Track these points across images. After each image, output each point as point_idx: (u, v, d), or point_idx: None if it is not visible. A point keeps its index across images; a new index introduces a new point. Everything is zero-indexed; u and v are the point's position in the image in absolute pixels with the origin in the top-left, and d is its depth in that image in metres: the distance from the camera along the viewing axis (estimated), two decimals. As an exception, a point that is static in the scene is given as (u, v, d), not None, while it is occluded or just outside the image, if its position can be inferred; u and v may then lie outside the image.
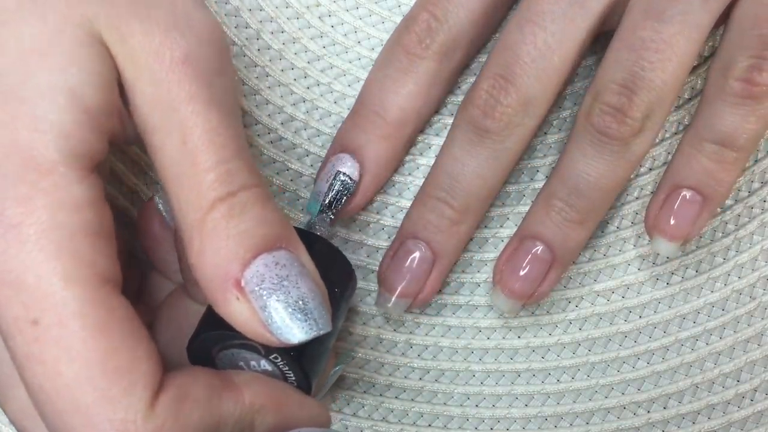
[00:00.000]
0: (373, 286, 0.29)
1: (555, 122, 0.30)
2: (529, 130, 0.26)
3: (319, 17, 0.30)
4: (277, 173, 0.29)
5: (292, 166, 0.29)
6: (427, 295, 0.28)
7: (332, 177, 0.27)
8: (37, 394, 0.19)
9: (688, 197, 0.26)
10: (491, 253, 0.29)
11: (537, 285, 0.27)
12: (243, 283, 0.19)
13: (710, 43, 0.29)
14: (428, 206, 0.27)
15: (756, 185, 0.30)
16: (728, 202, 0.30)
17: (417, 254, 0.27)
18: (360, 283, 0.29)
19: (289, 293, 0.20)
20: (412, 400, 0.29)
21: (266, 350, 0.21)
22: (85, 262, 0.18)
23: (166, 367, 0.20)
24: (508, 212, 0.29)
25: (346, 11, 0.30)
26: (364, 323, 0.29)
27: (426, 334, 0.29)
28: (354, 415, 0.29)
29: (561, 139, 0.29)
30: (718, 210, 0.30)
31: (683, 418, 0.29)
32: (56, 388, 0.18)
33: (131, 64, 0.20)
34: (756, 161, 0.30)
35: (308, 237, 0.23)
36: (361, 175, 0.27)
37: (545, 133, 0.30)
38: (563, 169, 0.26)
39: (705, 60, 0.30)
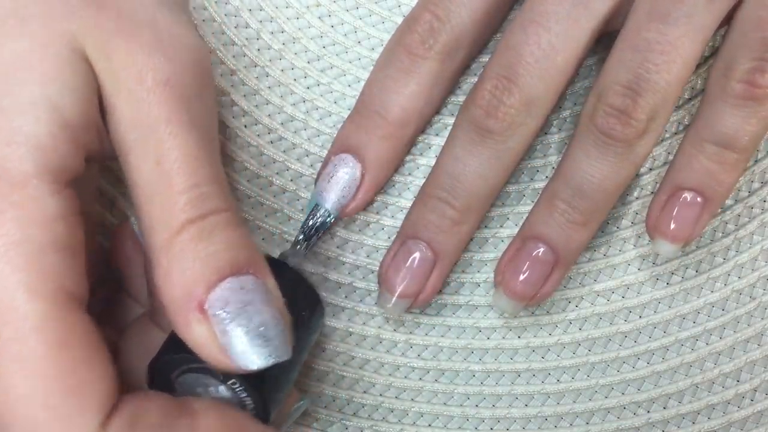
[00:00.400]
0: (373, 286, 0.29)
1: (555, 122, 0.30)
2: (532, 130, 0.26)
3: (319, 17, 0.30)
4: (277, 173, 0.29)
5: (292, 166, 0.29)
6: (428, 296, 0.28)
7: (312, 211, 0.27)
8: None
9: (689, 199, 0.26)
10: (491, 253, 0.29)
11: (539, 286, 0.27)
12: (206, 306, 0.19)
13: (711, 43, 0.29)
14: (429, 206, 0.27)
15: (756, 185, 0.30)
16: (728, 202, 0.30)
17: (418, 254, 0.27)
18: (360, 283, 0.29)
19: (251, 319, 0.19)
20: (412, 400, 0.29)
21: (225, 376, 0.21)
22: (51, 277, 0.18)
23: (123, 390, 0.20)
24: (508, 212, 0.29)
25: (346, 11, 0.30)
26: (364, 323, 0.29)
27: (426, 334, 0.29)
28: (354, 415, 0.29)
29: (561, 139, 0.29)
30: (718, 210, 0.30)
31: (683, 418, 0.29)
32: (8, 402, 0.18)
33: (113, 83, 0.20)
34: (756, 161, 0.30)
35: (278, 266, 0.23)
36: (362, 175, 0.27)
37: (545, 133, 0.30)
38: (566, 169, 0.26)
39: (705, 60, 0.30)
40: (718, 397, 0.29)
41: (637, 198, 0.30)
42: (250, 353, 0.19)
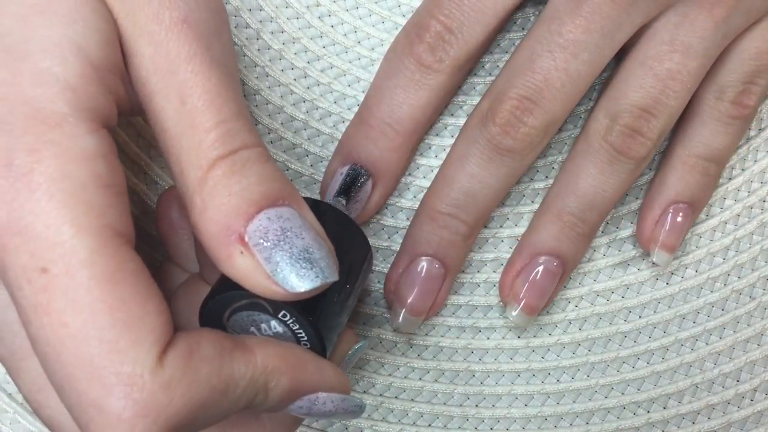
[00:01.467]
0: (374, 285, 0.29)
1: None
2: (545, 145, 0.27)
3: (319, 17, 0.30)
4: (277, 173, 0.29)
5: (292, 166, 0.29)
6: (438, 308, 0.28)
7: (345, 169, 0.27)
8: (43, 347, 0.18)
9: (682, 212, 0.28)
10: (491, 253, 0.29)
11: (550, 297, 0.28)
12: (246, 237, 0.19)
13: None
14: (441, 222, 0.27)
15: (756, 185, 0.30)
16: (728, 202, 0.30)
17: (431, 271, 0.27)
18: (360, 283, 0.29)
19: (294, 243, 0.19)
20: (412, 400, 0.29)
21: (275, 309, 0.21)
22: (95, 212, 0.18)
23: (178, 328, 0.19)
24: (508, 212, 0.29)
25: (346, 11, 0.30)
26: (364, 323, 0.29)
27: (426, 334, 0.29)
28: (354, 415, 0.29)
29: (560, 139, 0.29)
30: (718, 210, 0.30)
31: (683, 418, 0.29)
32: (62, 339, 0.18)
33: (132, 25, 0.20)
34: (756, 161, 0.30)
35: (325, 208, 0.23)
36: (372, 186, 0.28)
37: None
38: (577, 185, 0.27)
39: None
40: (718, 397, 0.29)
41: (636, 198, 0.30)
42: (297, 276, 0.19)
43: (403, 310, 0.27)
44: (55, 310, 0.18)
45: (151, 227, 0.28)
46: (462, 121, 0.29)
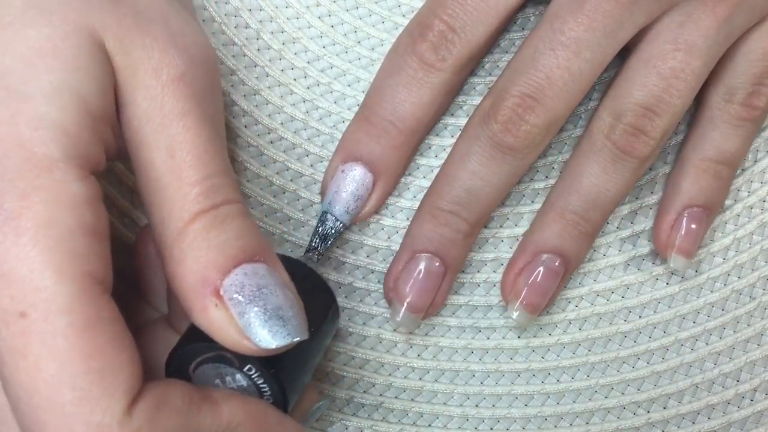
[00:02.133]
0: (373, 285, 0.29)
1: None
2: (546, 144, 0.27)
3: (319, 17, 0.30)
4: (277, 173, 0.29)
5: (292, 166, 0.29)
6: (438, 306, 0.28)
7: (320, 220, 0.28)
8: (16, 389, 0.18)
9: (697, 215, 0.28)
10: (491, 253, 0.29)
11: (552, 296, 0.28)
12: (222, 291, 0.20)
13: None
14: (442, 220, 0.27)
15: (756, 185, 0.30)
16: (728, 202, 0.30)
17: (431, 269, 0.27)
18: (360, 283, 0.29)
19: (268, 301, 0.20)
20: (412, 400, 0.29)
21: (241, 362, 0.21)
22: (78, 260, 0.18)
23: (147, 378, 0.20)
24: (508, 212, 0.29)
25: (346, 11, 0.30)
26: (364, 323, 0.29)
27: (426, 334, 0.29)
28: (354, 415, 0.29)
29: (560, 139, 0.29)
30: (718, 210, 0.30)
31: (683, 418, 0.29)
32: (35, 383, 0.18)
33: (130, 77, 0.20)
34: (756, 161, 0.30)
35: (296, 264, 0.23)
36: (373, 183, 0.28)
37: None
38: (580, 184, 0.27)
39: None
40: (718, 397, 0.29)
41: (636, 198, 0.30)
42: (269, 333, 0.20)
43: (403, 307, 0.27)
44: (32, 354, 0.18)
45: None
46: (462, 121, 0.29)
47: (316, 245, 0.27)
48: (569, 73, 0.25)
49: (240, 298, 0.20)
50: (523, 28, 0.30)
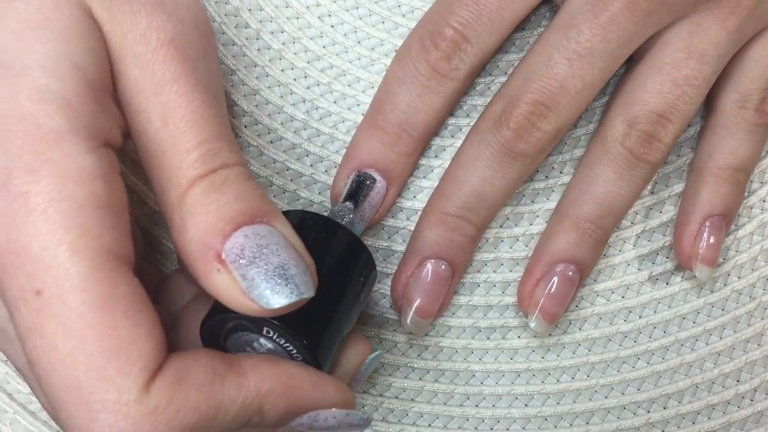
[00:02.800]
0: (374, 285, 0.29)
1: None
2: (552, 149, 0.27)
3: (319, 17, 0.30)
4: (277, 173, 0.29)
5: (292, 166, 0.29)
6: (444, 308, 0.28)
7: (357, 173, 0.27)
8: (36, 367, 0.18)
9: (718, 224, 0.28)
10: (491, 253, 0.29)
11: (569, 304, 0.29)
12: (223, 255, 0.19)
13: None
14: (451, 225, 0.27)
15: (756, 185, 0.30)
16: (728, 202, 0.30)
17: (441, 273, 0.27)
18: (360, 283, 0.29)
19: (269, 260, 0.20)
20: (412, 400, 0.29)
21: (258, 327, 0.21)
22: (91, 235, 0.18)
23: (172, 350, 0.20)
24: (508, 212, 0.29)
25: (346, 11, 0.30)
26: (364, 323, 0.29)
27: (426, 334, 0.29)
28: (354, 415, 0.29)
29: (560, 140, 0.29)
30: None
31: (683, 418, 0.29)
32: (52, 362, 0.18)
33: (119, 45, 0.20)
34: (756, 161, 0.30)
35: (316, 221, 0.23)
36: (387, 188, 0.28)
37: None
38: (595, 191, 0.27)
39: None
40: (718, 397, 0.29)
41: (637, 198, 0.30)
42: (272, 292, 0.19)
43: (415, 313, 0.27)
44: (48, 332, 0.18)
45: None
46: (462, 121, 0.29)
47: (351, 194, 0.27)
48: (582, 83, 0.26)
49: (241, 260, 0.19)
50: (523, 29, 0.30)
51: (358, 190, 0.27)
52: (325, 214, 0.27)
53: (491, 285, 0.29)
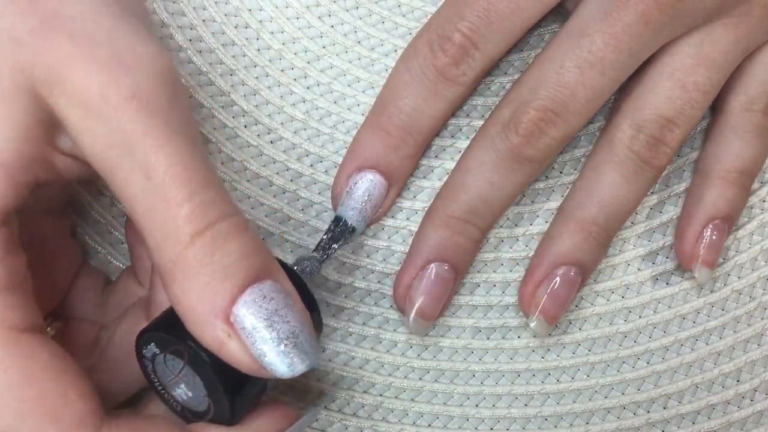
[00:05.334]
0: (373, 285, 0.29)
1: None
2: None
3: (319, 17, 0.30)
4: (277, 173, 0.29)
5: (292, 166, 0.29)
6: (444, 309, 0.28)
7: (333, 222, 0.27)
8: None
9: (720, 226, 0.28)
10: (491, 254, 0.29)
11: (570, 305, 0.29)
12: (232, 319, 0.19)
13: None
14: (456, 229, 0.27)
15: (756, 185, 0.30)
16: (728, 202, 0.30)
17: (444, 276, 0.27)
18: (360, 284, 0.29)
19: (280, 329, 0.19)
20: (412, 400, 0.29)
21: (196, 359, 0.21)
22: None
23: (105, 404, 0.20)
24: (508, 213, 0.29)
25: (346, 11, 0.30)
26: (364, 323, 0.29)
27: (426, 334, 0.29)
28: (354, 415, 0.29)
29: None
30: None
31: (683, 418, 0.29)
32: None
33: (76, 108, 0.19)
34: (756, 161, 0.30)
35: (291, 273, 0.23)
36: (388, 189, 0.28)
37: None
38: (601, 195, 0.27)
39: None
40: (718, 397, 0.29)
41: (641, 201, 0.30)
42: (283, 362, 0.20)
43: (417, 315, 0.27)
44: None
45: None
46: (462, 121, 0.29)
47: (325, 245, 0.27)
48: (593, 91, 0.26)
49: (251, 328, 0.19)
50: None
51: (339, 238, 0.27)
52: (319, 225, 0.27)
53: (491, 285, 0.29)
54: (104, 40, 0.20)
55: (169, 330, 0.21)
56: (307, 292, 0.23)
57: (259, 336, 0.19)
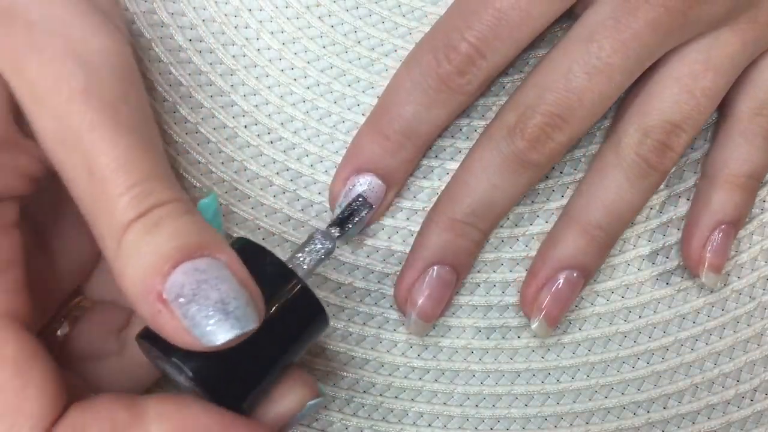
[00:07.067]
0: (373, 285, 0.29)
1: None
2: None
3: (319, 17, 0.30)
4: (277, 173, 0.29)
5: (292, 166, 0.29)
6: (446, 310, 0.29)
7: (352, 196, 0.27)
8: None
9: (727, 231, 0.28)
10: (491, 254, 0.29)
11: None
12: (165, 295, 0.19)
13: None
14: (459, 231, 0.27)
15: (756, 185, 0.30)
16: (728, 202, 0.30)
17: (446, 278, 0.27)
18: (359, 283, 0.29)
19: (208, 296, 0.19)
20: (412, 400, 0.29)
21: (175, 370, 0.21)
22: None
23: (75, 397, 0.19)
24: (508, 213, 0.29)
25: (346, 11, 0.30)
26: (364, 323, 0.29)
27: (426, 334, 0.29)
28: (354, 415, 0.29)
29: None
30: None
31: (683, 418, 0.29)
32: None
33: (31, 98, 0.20)
34: (755, 161, 0.30)
35: (285, 273, 0.23)
36: (386, 192, 0.28)
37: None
38: (606, 198, 0.27)
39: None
40: (718, 397, 0.29)
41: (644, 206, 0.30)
42: (212, 329, 0.19)
43: (418, 317, 0.27)
44: None
45: None
46: (462, 121, 0.29)
47: (342, 219, 0.26)
48: (600, 97, 0.26)
49: (180, 299, 0.19)
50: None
51: (351, 216, 0.27)
52: (314, 230, 0.27)
53: (491, 285, 0.29)
54: (59, 33, 0.20)
55: (154, 340, 0.21)
56: (309, 297, 0.23)
57: (188, 306, 0.19)
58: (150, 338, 0.21)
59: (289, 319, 0.23)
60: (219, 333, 0.19)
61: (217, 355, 0.20)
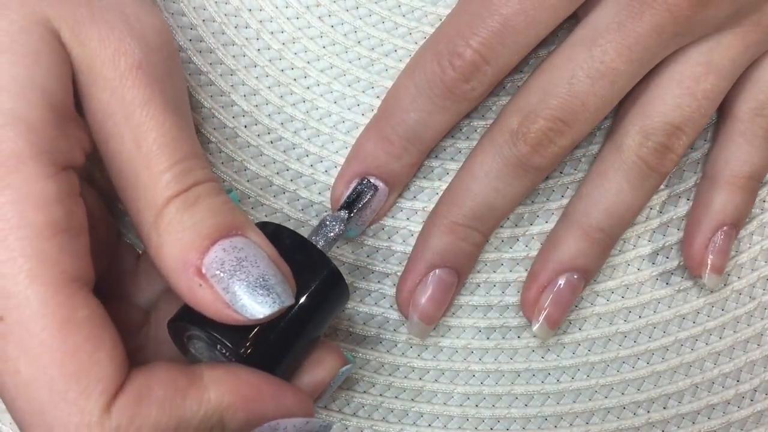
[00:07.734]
0: (373, 285, 0.29)
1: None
2: None
3: (319, 17, 0.30)
4: (277, 173, 0.29)
5: (292, 166, 0.29)
6: (447, 311, 0.29)
7: (359, 181, 0.27)
8: (2, 391, 0.19)
9: (728, 232, 0.28)
10: (491, 254, 0.29)
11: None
12: (204, 270, 0.20)
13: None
14: (460, 235, 0.27)
15: (756, 185, 0.30)
16: (728, 202, 0.30)
17: (448, 281, 0.27)
18: (360, 284, 0.29)
19: (250, 272, 0.20)
20: (412, 400, 0.29)
21: (211, 341, 0.22)
22: (50, 261, 0.19)
23: (134, 364, 0.20)
24: (509, 215, 0.29)
25: (346, 11, 0.30)
26: (364, 323, 0.29)
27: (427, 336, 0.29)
28: (354, 415, 0.29)
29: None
30: None
31: (683, 418, 0.29)
32: (16, 386, 0.18)
33: (87, 70, 0.20)
34: (756, 161, 0.30)
35: (304, 245, 0.23)
36: (388, 194, 0.28)
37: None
38: (607, 200, 0.27)
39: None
40: (718, 397, 0.29)
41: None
42: (255, 302, 0.20)
43: (420, 319, 0.27)
44: (11, 357, 0.18)
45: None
46: (461, 121, 0.29)
47: (351, 202, 0.27)
48: (602, 101, 0.26)
49: (221, 273, 0.20)
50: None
51: (358, 198, 0.27)
52: (324, 214, 0.27)
53: (491, 285, 0.29)
54: (116, 9, 0.21)
55: (191, 319, 0.21)
56: (331, 270, 0.24)
57: (230, 281, 0.20)
58: (183, 318, 0.22)
59: (316, 292, 0.23)
60: (262, 307, 0.20)
61: (250, 329, 0.21)
